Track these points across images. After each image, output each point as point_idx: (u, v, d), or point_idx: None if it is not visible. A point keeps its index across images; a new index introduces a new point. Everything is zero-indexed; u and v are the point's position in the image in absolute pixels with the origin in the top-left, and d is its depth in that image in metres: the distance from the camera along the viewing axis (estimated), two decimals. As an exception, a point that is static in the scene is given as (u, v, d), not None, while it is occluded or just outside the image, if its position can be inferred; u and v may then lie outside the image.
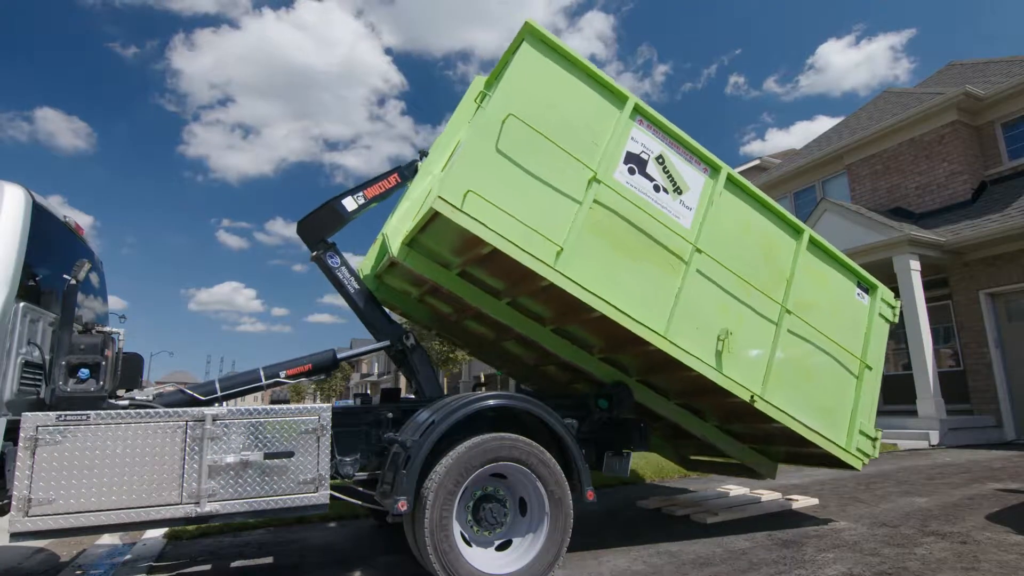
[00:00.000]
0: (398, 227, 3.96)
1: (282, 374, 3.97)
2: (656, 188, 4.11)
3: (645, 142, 4.12)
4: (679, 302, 4.00)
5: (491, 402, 3.59)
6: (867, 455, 4.75)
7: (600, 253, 3.82)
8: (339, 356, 4.26)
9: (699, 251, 4.11)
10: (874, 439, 4.79)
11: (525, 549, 3.46)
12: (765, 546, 4.07)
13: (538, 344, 4.40)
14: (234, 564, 4.17)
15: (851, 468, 4.73)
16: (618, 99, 4.05)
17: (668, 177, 4.18)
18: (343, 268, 4.40)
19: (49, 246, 3.57)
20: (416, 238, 3.80)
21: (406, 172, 4.71)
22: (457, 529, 3.32)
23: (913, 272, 10.56)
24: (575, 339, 4.44)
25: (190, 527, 5.13)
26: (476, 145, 3.53)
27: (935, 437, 9.75)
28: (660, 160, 4.17)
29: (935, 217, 11.92)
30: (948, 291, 11.48)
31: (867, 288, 5.09)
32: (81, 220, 4.24)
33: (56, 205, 3.79)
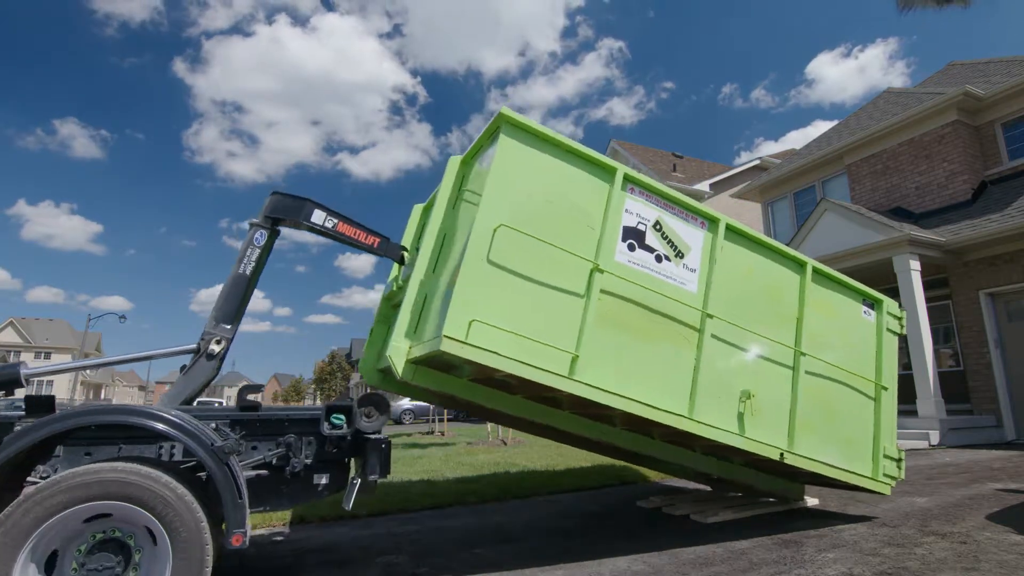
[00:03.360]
0: (399, 347, 3.68)
1: None
2: (658, 258, 4.05)
3: (640, 211, 4.04)
4: (698, 376, 3.98)
5: (79, 420, 2.85)
6: (894, 478, 4.79)
7: (614, 345, 3.74)
8: (24, 372, 3.46)
9: (710, 316, 4.10)
10: (899, 460, 4.84)
11: None
12: (765, 546, 4.06)
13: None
14: (233, 564, 4.16)
15: (879, 494, 4.78)
16: (607, 172, 3.93)
17: (668, 243, 4.13)
18: (258, 251, 4.13)
19: None
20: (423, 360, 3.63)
21: (388, 248, 4.43)
22: None
23: (913, 272, 10.56)
24: (597, 416, 4.40)
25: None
26: (470, 271, 3.34)
27: (935, 437, 9.75)
28: (657, 227, 4.10)
29: (935, 217, 11.92)
30: (948, 291, 11.48)
31: (872, 303, 5.12)
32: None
33: None
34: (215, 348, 3.88)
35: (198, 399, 3.98)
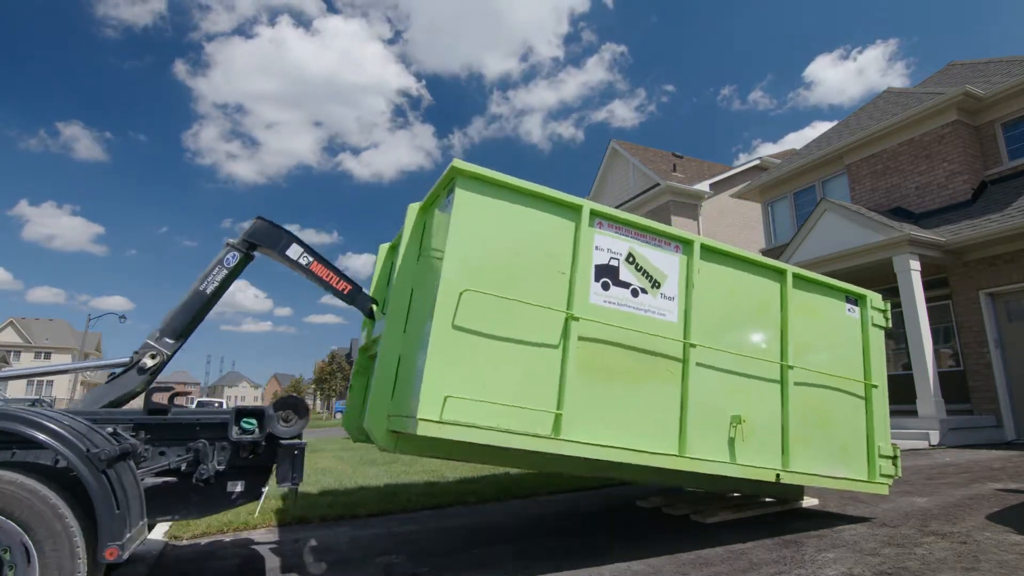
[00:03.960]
0: (378, 418, 3.66)
1: None
2: (634, 293, 3.94)
3: (611, 246, 3.92)
4: (687, 409, 3.93)
5: None
6: (891, 476, 4.81)
7: (597, 394, 3.65)
8: None
9: (693, 346, 4.02)
10: (894, 457, 4.85)
11: None
12: (765, 546, 4.06)
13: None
14: (234, 563, 4.17)
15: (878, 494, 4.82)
16: (572, 210, 3.81)
17: (643, 274, 4.01)
18: (224, 273, 4.06)
19: None
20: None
21: (358, 299, 4.32)
22: None
23: (913, 272, 10.57)
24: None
25: (190, 526, 5.12)
26: (439, 343, 3.21)
27: (935, 437, 9.75)
28: (630, 259, 3.99)
29: (935, 217, 11.92)
30: (948, 291, 11.48)
31: (856, 299, 5.06)
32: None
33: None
34: (148, 362, 3.72)
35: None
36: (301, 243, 4.21)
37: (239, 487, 3.39)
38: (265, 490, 3.43)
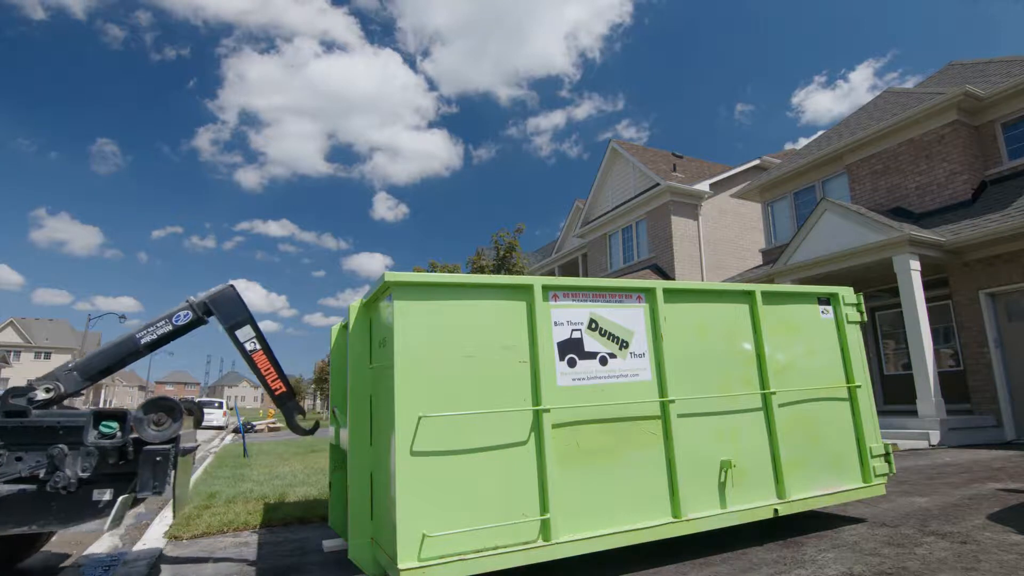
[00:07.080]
0: (361, 545, 3.62)
1: None
2: (603, 361, 3.79)
3: (570, 317, 3.76)
4: (675, 468, 3.81)
5: None
6: (886, 475, 4.78)
7: (583, 480, 3.53)
8: None
9: (671, 401, 3.90)
10: (886, 455, 4.80)
11: None
12: (765, 546, 4.07)
13: None
14: (234, 563, 4.17)
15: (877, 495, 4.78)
16: (522, 291, 3.64)
17: (609, 338, 3.86)
18: (168, 328, 3.86)
19: None
20: None
21: (286, 405, 4.16)
22: None
23: (913, 272, 10.57)
24: None
25: (190, 526, 5.13)
26: (406, 481, 3.08)
27: (935, 437, 9.75)
28: (593, 326, 3.82)
29: (935, 217, 11.92)
30: (948, 291, 11.48)
31: (827, 299, 4.96)
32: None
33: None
34: (40, 395, 3.36)
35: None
36: (256, 327, 4.04)
37: (107, 495, 3.19)
38: (118, 500, 3.20)
